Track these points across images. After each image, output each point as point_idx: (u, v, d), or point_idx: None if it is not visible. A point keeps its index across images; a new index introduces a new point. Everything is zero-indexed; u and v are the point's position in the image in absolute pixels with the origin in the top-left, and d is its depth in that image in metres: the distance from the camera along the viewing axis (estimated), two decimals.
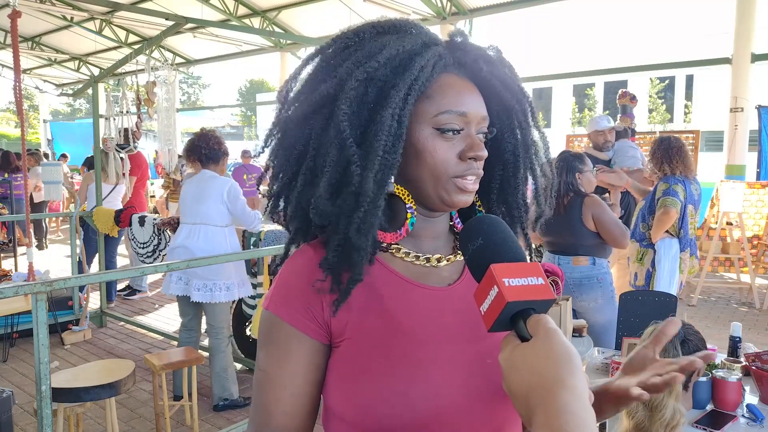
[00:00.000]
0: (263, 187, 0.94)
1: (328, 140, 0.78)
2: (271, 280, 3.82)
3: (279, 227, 1.00)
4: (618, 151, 4.61)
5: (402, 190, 0.84)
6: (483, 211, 0.91)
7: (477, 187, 0.82)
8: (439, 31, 10.85)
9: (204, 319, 3.78)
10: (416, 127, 0.80)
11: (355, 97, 0.77)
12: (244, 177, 8.34)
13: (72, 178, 11.43)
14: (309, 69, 0.85)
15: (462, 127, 0.80)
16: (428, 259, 0.85)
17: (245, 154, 9.45)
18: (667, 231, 3.62)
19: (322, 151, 0.79)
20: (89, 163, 6.82)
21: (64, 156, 13.04)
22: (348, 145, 0.76)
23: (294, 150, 0.83)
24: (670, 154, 3.62)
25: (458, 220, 0.91)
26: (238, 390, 3.71)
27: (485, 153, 0.80)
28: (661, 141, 3.71)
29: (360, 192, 0.76)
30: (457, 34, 0.87)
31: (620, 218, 3.78)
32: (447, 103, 0.79)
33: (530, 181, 0.91)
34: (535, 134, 0.90)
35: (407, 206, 0.84)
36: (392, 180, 0.82)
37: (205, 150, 3.61)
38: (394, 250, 0.84)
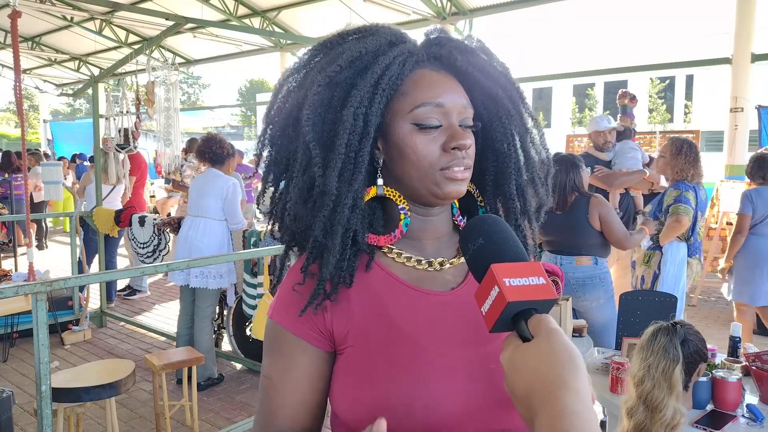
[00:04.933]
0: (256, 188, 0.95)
1: (298, 147, 0.81)
2: (271, 280, 3.84)
3: None
4: (618, 152, 4.56)
5: (392, 192, 0.83)
6: (484, 204, 0.90)
7: (468, 175, 0.81)
8: None
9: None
10: (395, 125, 0.80)
11: (319, 101, 0.78)
12: (242, 176, 8.28)
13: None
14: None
15: (440, 121, 0.79)
16: (431, 263, 0.84)
17: (238, 153, 9.40)
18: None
19: (294, 158, 0.82)
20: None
21: (91, 159, 12.18)
22: (311, 147, 0.78)
23: (280, 165, 0.86)
24: (694, 158, 3.50)
25: (461, 218, 0.90)
26: (215, 370, 4.11)
27: (468, 141, 0.79)
28: (684, 143, 3.56)
29: (324, 191, 0.77)
30: (432, 32, 0.88)
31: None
32: (421, 96, 0.79)
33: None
34: (528, 121, 0.88)
35: (399, 207, 0.83)
36: (381, 182, 0.83)
37: (209, 154, 4.03)
38: (395, 255, 0.83)
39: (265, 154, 0.88)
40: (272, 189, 0.89)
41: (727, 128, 8.27)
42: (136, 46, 13.76)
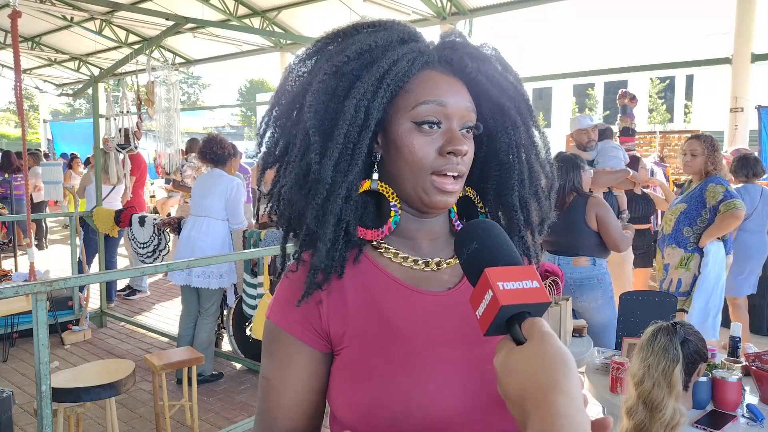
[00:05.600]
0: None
1: (298, 132, 0.82)
2: (271, 280, 3.85)
3: None
4: (601, 151, 4.54)
5: (386, 188, 0.84)
6: (485, 211, 0.90)
7: (458, 187, 0.81)
8: (438, 31, 10.82)
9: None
10: (396, 121, 0.80)
11: (323, 89, 0.79)
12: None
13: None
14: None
15: (440, 120, 0.79)
16: (427, 263, 0.84)
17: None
18: None
19: (294, 143, 0.82)
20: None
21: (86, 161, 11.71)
22: (311, 134, 0.78)
23: (280, 147, 0.86)
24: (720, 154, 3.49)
25: (459, 222, 0.90)
26: (212, 368, 4.14)
27: (465, 148, 0.78)
28: (714, 139, 3.54)
29: (318, 179, 0.78)
30: (449, 34, 0.87)
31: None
32: (425, 94, 0.79)
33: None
34: (534, 134, 0.88)
35: (391, 204, 0.83)
36: (377, 177, 0.84)
37: (210, 155, 4.05)
38: (392, 255, 0.84)
39: (268, 134, 0.88)
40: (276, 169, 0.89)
41: (727, 128, 8.28)
42: (136, 46, 13.77)
